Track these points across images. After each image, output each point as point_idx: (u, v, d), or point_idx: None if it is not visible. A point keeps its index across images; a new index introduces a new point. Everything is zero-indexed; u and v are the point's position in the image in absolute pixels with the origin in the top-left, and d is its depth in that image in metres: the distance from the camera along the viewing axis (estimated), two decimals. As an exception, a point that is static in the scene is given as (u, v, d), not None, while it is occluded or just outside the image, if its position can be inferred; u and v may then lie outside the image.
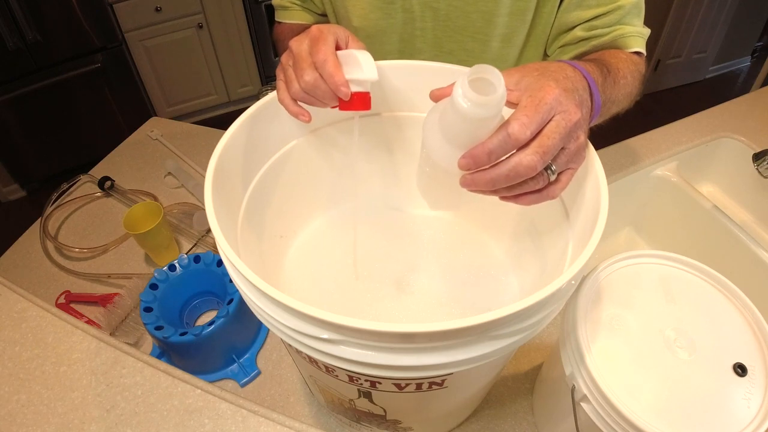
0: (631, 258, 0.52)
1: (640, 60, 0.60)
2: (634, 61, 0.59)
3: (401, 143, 0.62)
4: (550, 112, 0.37)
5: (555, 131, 0.37)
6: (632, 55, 0.60)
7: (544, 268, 0.50)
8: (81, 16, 1.97)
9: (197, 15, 2.26)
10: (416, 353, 0.34)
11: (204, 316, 0.76)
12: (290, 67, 0.48)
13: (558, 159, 0.38)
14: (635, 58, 0.59)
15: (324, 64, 0.46)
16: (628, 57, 0.58)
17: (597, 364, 0.43)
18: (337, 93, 0.46)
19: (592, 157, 0.43)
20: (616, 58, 0.56)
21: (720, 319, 0.47)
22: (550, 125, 0.37)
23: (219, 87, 2.56)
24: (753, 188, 0.94)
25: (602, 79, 0.48)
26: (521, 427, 0.61)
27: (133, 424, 0.55)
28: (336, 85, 0.45)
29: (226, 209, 0.46)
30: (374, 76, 0.46)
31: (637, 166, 0.90)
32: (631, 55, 0.60)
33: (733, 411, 0.41)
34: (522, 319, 0.35)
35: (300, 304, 0.33)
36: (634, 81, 0.57)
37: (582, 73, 0.44)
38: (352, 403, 0.50)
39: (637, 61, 0.59)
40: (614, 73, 0.52)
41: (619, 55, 0.57)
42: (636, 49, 0.61)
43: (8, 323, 0.65)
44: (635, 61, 0.59)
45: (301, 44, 0.48)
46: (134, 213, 0.80)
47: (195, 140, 1.08)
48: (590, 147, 0.43)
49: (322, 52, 0.46)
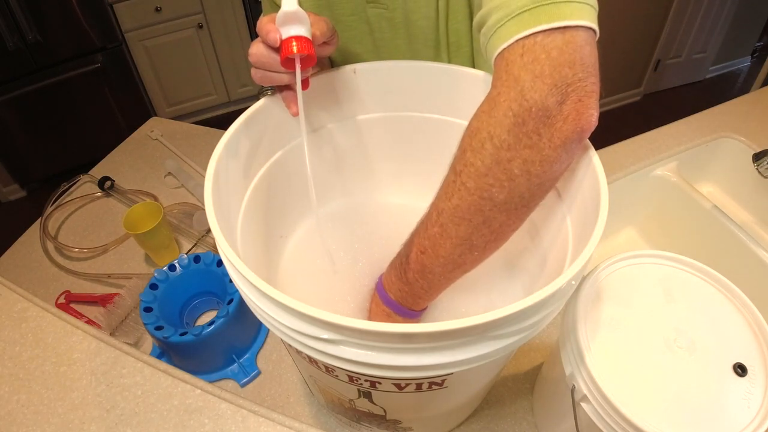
0: (631, 258, 0.52)
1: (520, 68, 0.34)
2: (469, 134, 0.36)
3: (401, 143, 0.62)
4: None
5: None
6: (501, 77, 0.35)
7: (544, 268, 0.50)
8: (81, 16, 1.97)
9: (197, 15, 2.26)
10: (416, 353, 0.34)
11: (204, 316, 0.76)
12: None
13: None
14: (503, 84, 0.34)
15: (258, 24, 0.46)
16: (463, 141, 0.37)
17: (597, 364, 0.43)
18: (267, 41, 0.45)
19: (592, 157, 0.43)
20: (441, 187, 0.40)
21: (720, 319, 0.47)
22: None
23: (219, 87, 2.56)
24: (753, 188, 0.94)
25: (404, 281, 0.45)
26: (521, 427, 0.61)
27: (133, 424, 0.55)
28: (266, 33, 0.44)
29: (226, 209, 0.46)
30: (290, 7, 0.44)
31: (637, 166, 0.90)
32: (496, 86, 0.35)
33: (733, 411, 0.41)
34: (522, 319, 0.35)
35: (300, 304, 0.33)
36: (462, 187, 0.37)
37: (387, 305, 0.48)
38: (352, 403, 0.50)
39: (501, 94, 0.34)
40: (420, 238, 0.41)
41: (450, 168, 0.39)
42: (507, 43, 0.35)
43: (8, 323, 0.65)
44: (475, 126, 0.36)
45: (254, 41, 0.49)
46: (134, 213, 0.80)
47: (195, 140, 1.08)
48: (590, 147, 0.43)
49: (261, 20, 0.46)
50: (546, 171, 0.35)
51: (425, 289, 0.44)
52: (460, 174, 0.37)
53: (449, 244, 0.39)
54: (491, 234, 0.38)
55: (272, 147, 0.55)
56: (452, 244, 0.39)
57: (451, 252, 0.40)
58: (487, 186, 0.36)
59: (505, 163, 0.35)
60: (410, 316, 0.49)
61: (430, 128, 0.59)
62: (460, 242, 0.39)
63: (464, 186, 0.37)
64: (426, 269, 0.42)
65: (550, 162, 0.35)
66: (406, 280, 0.45)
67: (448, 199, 0.38)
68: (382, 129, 0.61)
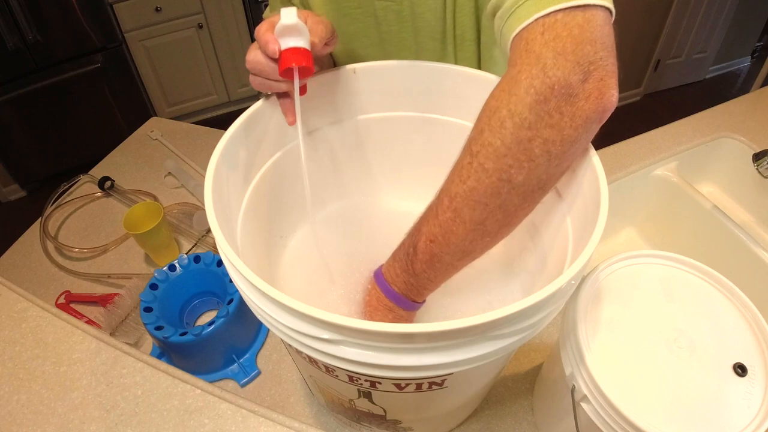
0: (631, 258, 0.52)
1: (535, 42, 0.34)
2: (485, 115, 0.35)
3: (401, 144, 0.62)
4: None
5: None
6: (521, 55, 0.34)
7: (544, 268, 0.50)
8: (81, 16, 1.97)
9: (197, 15, 2.26)
10: (416, 353, 0.34)
11: (204, 316, 0.76)
12: None
13: None
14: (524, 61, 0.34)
15: (257, 31, 0.45)
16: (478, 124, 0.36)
17: (597, 364, 0.43)
18: (266, 52, 0.45)
19: (592, 156, 0.43)
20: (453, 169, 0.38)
21: (720, 319, 0.47)
22: None
23: (219, 87, 2.56)
24: (753, 188, 0.94)
25: (409, 272, 0.44)
26: (521, 427, 0.61)
27: (133, 424, 0.55)
28: (265, 44, 0.44)
29: (226, 209, 0.46)
30: (290, 20, 0.44)
31: (637, 166, 0.90)
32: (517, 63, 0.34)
33: (733, 411, 0.41)
34: (522, 319, 0.35)
35: (300, 304, 0.33)
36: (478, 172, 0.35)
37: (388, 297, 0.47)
38: (352, 403, 0.50)
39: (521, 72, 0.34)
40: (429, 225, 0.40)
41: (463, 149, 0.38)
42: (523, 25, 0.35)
43: (8, 323, 0.65)
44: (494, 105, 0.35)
45: (259, 29, 0.48)
46: (134, 213, 0.80)
47: (195, 140, 1.08)
48: (590, 147, 0.43)
49: (259, 29, 0.45)
50: (566, 151, 0.34)
51: (431, 279, 0.43)
52: (476, 155, 0.35)
53: (462, 230, 0.38)
54: (505, 218, 0.37)
55: (272, 147, 0.55)
56: (465, 230, 0.38)
57: (463, 239, 0.39)
58: (506, 167, 0.34)
59: (526, 143, 0.34)
60: (413, 308, 0.48)
61: (431, 129, 0.59)
62: (474, 227, 0.38)
63: (482, 167, 0.35)
64: (435, 258, 0.41)
65: (570, 142, 0.34)
66: (412, 272, 0.43)
67: (462, 182, 0.36)
68: (382, 129, 0.61)
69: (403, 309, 0.48)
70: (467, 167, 0.36)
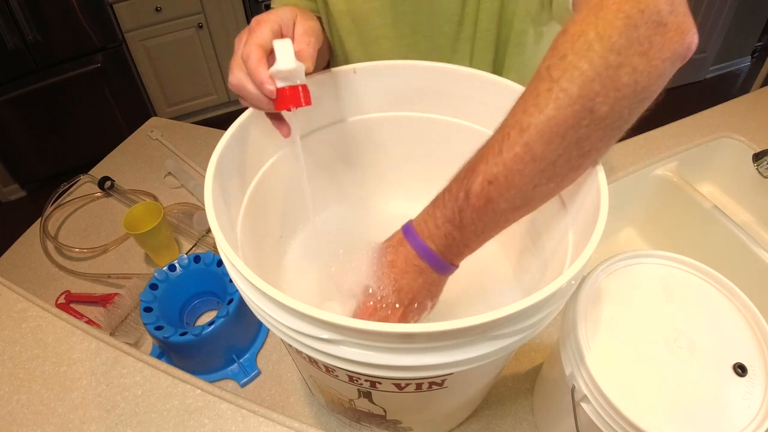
0: (631, 258, 0.52)
1: None
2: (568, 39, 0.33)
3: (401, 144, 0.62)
4: None
5: None
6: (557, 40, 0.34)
7: (544, 268, 0.50)
8: (81, 16, 1.97)
9: (197, 15, 2.26)
10: (416, 353, 0.34)
11: (204, 316, 0.76)
12: None
13: None
14: None
15: (247, 60, 0.41)
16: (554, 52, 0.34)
17: (597, 364, 0.43)
18: (262, 91, 0.42)
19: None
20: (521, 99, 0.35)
21: (720, 319, 0.47)
22: None
23: (219, 87, 2.56)
24: (753, 188, 0.94)
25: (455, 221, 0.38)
26: (521, 427, 0.61)
27: (133, 424, 0.55)
28: (260, 83, 0.41)
29: (226, 209, 0.46)
30: (288, 65, 0.41)
31: (637, 166, 0.90)
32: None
33: (733, 411, 0.41)
34: (522, 319, 0.35)
35: (300, 304, 0.33)
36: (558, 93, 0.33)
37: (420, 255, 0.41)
38: (352, 403, 0.50)
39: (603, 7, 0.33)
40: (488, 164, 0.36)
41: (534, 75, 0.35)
42: None
43: (8, 323, 0.65)
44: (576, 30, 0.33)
45: (240, 40, 0.44)
46: (134, 213, 0.80)
47: (195, 140, 1.08)
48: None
49: (247, 47, 0.42)
50: (650, 86, 0.33)
51: (478, 233, 0.39)
52: (558, 80, 0.33)
53: (529, 170, 0.35)
54: (578, 158, 0.35)
55: (272, 147, 0.55)
56: (533, 170, 0.35)
57: (528, 181, 0.35)
58: (592, 94, 0.32)
59: (614, 69, 0.32)
60: (447, 272, 0.42)
61: (431, 129, 0.59)
62: (544, 167, 0.35)
63: (565, 93, 0.32)
64: (490, 205, 0.37)
65: (656, 76, 0.33)
66: (459, 222, 0.38)
67: (539, 111, 0.33)
68: (382, 130, 0.61)
69: (437, 271, 0.42)
70: (545, 94, 0.33)
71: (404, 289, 0.42)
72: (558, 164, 0.35)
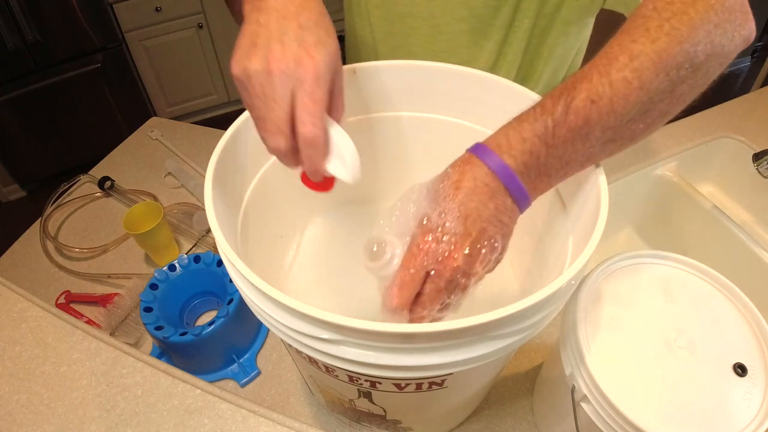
0: (631, 258, 0.52)
1: None
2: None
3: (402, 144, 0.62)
4: (422, 271, 0.35)
5: (431, 292, 0.35)
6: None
7: (544, 268, 0.50)
8: (81, 16, 1.97)
9: (197, 15, 2.26)
10: (416, 353, 0.34)
11: (204, 316, 0.76)
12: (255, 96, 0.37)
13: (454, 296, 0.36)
14: None
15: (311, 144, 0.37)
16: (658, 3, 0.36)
17: (597, 364, 0.43)
18: (309, 176, 0.41)
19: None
20: (626, 33, 0.35)
21: (720, 319, 0.47)
22: (426, 286, 0.35)
23: (219, 87, 2.56)
24: (753, 188, 0.94)
25: (546, 136, 0.35)
26: (521, 427, 0.61)
27: (133, 424, 0.55)
28: (315, 173, 0.40)
29: (226, 209, 0.46)
30: (355, 179, 0.40)
31: (637, 166, 0.90)
32: None
33: (733, 411, 0.41)
34: (522, 319, 0.35)
35: (300, 304, 0.33)
36: (676, 34, 0.34)
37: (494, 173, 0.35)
38: (352, 403, 0.50)
39: None
40: (593, 84, 0.34)
41: (637, 16, 0.36)
42: None
43: (8, 323, 0.65)
44: None
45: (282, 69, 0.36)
46: (134, 213, 0.80)
47: (195, 140, 1.08)
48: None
49: (309, 124, 0.36)
50: (730, 54, 0.37)
51: (561, 162, 0.36)
52: (669, 19, 0.34)
53: (634, 96, 0.34)
54: (670, 102, 0.36)
55: (272, 147, 0.55)
56: (636, 99, 0.34)
57: (628, 110, 0.34)
58: (695, 40, 0.34)
59: (713, 26, 0.35)
60: (521, 201, 0.36)
61: (431, 129, 0.59)
62: (646, 99, 0.34)
63: (676, 31, 0.34)
64: (586, 127, 0.34)
65: (733, 48, 0.37)
66: (550, 140, 0.35)
67: (651, 42, 0.34)
68: (382, 130, 0.61)
69: (512, 197, 0.36)
70: (656, 29, 0.34)
71: (472, 215, 0.34)
72: (655, 101, 0.35)
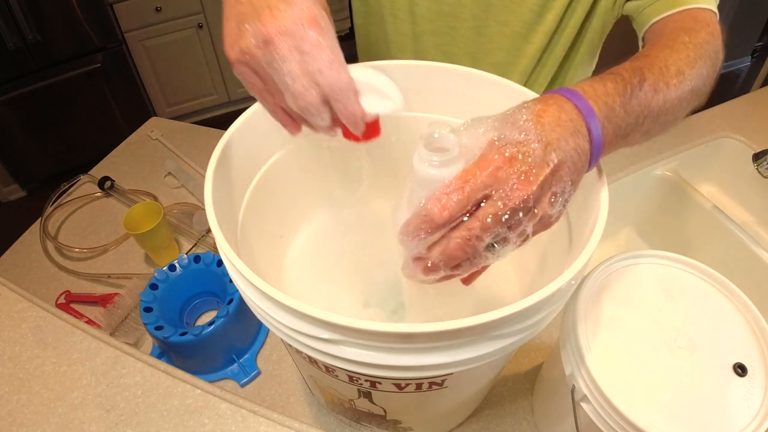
0: (631, 258, 0.52)
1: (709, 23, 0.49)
2: (699, 38, 0.46)
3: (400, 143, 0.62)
4: (483, 190, 0.31)
5: (486, 215, 0.31)
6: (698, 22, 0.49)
7: (544, 268, 0.50)
8: (81, 16, 1.97)
9: (197, 15, 2.26)
10: (416, 353, 0.34)
11: (204, 316, 0.76)
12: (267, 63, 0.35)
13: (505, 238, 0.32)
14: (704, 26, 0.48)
15: (338, 89, 0.35)
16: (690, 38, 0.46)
17: (597, 364, 0.43)
18: (351, 128, 0.37)
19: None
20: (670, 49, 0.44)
21: (720, 319, 0.47)
22: (483, 209, 0.31)
23: (219, 87, 2.56)
24: (753, 188, 0.94)
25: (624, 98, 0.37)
26: (521, 427, 0.61)
27: (133, 424, 0.55)
28: (354, 119, 0.36)
29: (226, 209, 0.46)
30: (399, 106, 0.39)
31: (637, 166, 0.90)
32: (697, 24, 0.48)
33: (733, 411, 0.41)
34: (522, 319, 0.35)
35: (300, 304, 0.33)
36: (701, 69, 0.44)
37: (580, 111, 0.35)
38: (352, 403, 0.50)
39: (708, 32, 0.47)
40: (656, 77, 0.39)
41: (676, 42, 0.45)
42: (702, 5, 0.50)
43: (8, 323, 0.65)
44: (703, 38, 0.46)
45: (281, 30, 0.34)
46: (134, 213, 0.80)
47: (195, 140, 1.08)
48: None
49: (331, 70, 0.34)
50: (711, 84, 0.46)
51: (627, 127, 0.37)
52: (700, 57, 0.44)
53: (674, 93, 0.41)
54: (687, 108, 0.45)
55: (272, 147, 0.55)
56: (673, 102, 0.41)
57: (666, 110, 0.41)
58: (707, 73, 0.45)
59: (717, 61, 0.47)
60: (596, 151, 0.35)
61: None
62: (675, 104, 0.42)
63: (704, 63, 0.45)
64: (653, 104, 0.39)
65: (713, 81, 0.46)
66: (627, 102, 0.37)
67: (690, 67, 0.43)
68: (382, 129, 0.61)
69: (591, 141, 0.35)
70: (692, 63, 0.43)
71: (553, 143, 0.32)
72: (682, 108, 0.44)
